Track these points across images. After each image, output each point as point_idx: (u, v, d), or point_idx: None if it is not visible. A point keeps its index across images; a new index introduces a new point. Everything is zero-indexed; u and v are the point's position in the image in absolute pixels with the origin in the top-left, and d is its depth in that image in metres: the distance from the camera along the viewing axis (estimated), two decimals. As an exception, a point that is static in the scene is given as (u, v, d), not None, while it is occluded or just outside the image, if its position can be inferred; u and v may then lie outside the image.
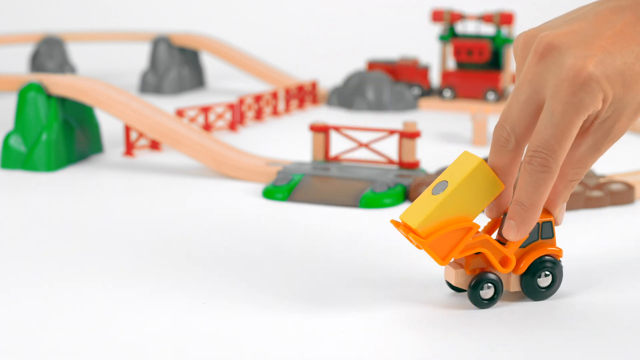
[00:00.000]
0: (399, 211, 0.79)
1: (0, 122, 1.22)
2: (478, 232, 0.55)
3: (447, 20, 1.43)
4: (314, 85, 1.44)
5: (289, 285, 0.60)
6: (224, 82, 1.71)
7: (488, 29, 1.89)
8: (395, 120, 1.29)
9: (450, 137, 1.17)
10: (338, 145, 1.00)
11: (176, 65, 1.58)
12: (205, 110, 1.15)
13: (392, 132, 0.89)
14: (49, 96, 0.94)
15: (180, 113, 1.12)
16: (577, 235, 0.72)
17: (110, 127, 1.11)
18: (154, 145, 1.05)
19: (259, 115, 1.27)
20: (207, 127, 1.16)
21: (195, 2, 2.44)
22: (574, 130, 0.52)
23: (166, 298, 0.57)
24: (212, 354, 0.49)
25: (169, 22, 2.25)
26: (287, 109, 1.35)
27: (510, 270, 0.55)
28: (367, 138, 0.96)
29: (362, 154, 0.98)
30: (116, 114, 0.94)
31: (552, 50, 0.52)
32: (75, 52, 1.89)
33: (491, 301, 0.55)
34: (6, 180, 0.89)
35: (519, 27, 2.03)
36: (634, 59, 0.51)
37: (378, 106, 1.38)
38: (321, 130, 0.90)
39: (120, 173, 0.93)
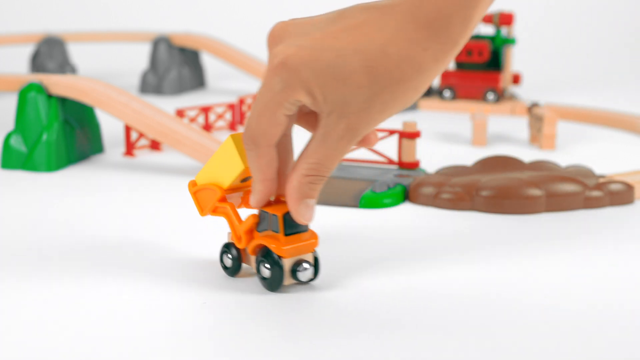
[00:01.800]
0: (399, 211, 0.79)
1: (0, 122, 1.22)
2: (226, 199, 0.60)
3: (447, 20, 1.43)
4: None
5: (289, 285, 0.60)
6: (224, 82, 1.71)
7: (488, 29, 1.89)
8: (395, 120, 1.29)
9: (450, 137, 1.17)
10: (338, 145, 1.00)
11: (176, 65, 1.58)
12: (206, 110, 1.15)
13: (392, 132, 0.89)
14: (50, 96, 0.94)
15: (180, 113, 1.12)
16: (577, 236, 0.72)
17: (110, 127, 1.11)
18: (154, 145, 1.05)
19: (259, 116, 1.27)
20: (207, 127, 1.16)
21: (195, 2, 2.44)
22: (272, 114, 0.53)
23: (166, 298, 0.57)
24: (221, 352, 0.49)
25: (169, 22, 2.26)
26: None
27: (240, 245, 0.60)
28: (367, 138, 0.96)
29: (362, 154, 0.99)
30: (116, 114, 0.94)
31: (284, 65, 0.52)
32: (76, 52, 1.89)
33: (228, 270, 0.61)
34: (6, 180, 0.89)
35: (519, 27, 2.04)
36: (352, 54, 0.51)
37: (378, 106, 1.38)
38: (321, 131, 0.90)
39: (120, 173, 0.94)
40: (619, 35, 2.22)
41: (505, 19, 1.39)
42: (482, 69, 1.43)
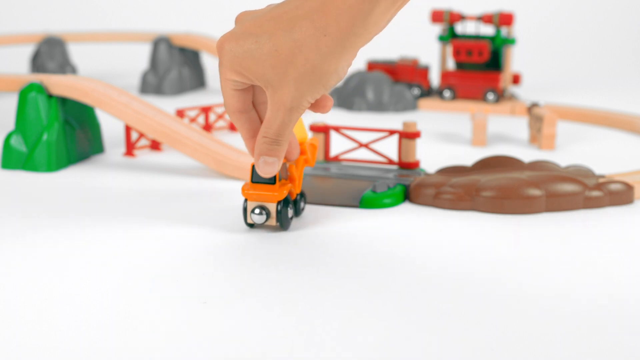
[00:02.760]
0: (399, 211, 0.80)
1: (1, 122, 1.22)
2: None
3: (447, 20, 1.43)
4: (314, 86, 1.44)
5: (288, 285, 0.60)
6: (224, 82, 1.71)
7: (487, 30, 1.89)
8: (395, 120, 1.29)
9: (450, 137, 1.17)
10: (338, 145, 1.00)
11: (176, 65, 1.58)
12: (206, 110, 1.15)
13: (392, 132, 0.89)
14: (50, 96, 0.94)
15: (180, 113, 1.12)
16: (576, 235, 0.72)
17: (110, 127, 1.11)
18: (155, 146, 1.05)
19: (259, 116, 1.27)
20: (208, 127, 1.16)
21: (195, 2, 2.44)
22: (224, 89, 0.65)
23: (166, 297, 0.57)
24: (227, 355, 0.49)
25: (169, 23, 2.26)
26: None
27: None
28: (367, 138, 0.96)
29: (362, 154, 0.99)
30: (117, 114, 0.94)
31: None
32: (76, 53, 1.89)
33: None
34: (7, 180, 0.89)
35: (519, 28, 2.04)
36: (266, 40, 0.60)
37: (378, 106, 1.39)
38: (321, 131, 0.90)
39: (120, 173, 0.94)
40: (619, 36, 2.22)
41: (505, 19, 1.39)
42: (482, 69, 1.43)
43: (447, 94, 1.42)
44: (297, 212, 0.76)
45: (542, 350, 0.50)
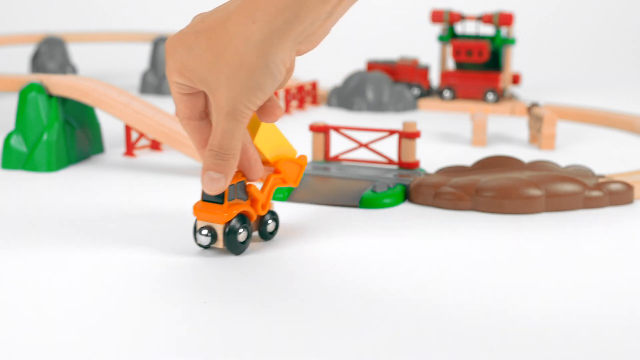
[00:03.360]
0: (399, 211, 0.80)
1: (1, 122, 1.22)
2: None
3: (447, 20, 1.43)
4: (314, 86, 1.44)
5: (288, 286, 0.60)
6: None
7: (487, 30, 1.90)
8: (395, 120, 1.29)
9: (450, 137, 1.17)
10: (338, 145, 1.00)
11: (176, 65, 1.58)
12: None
13: (392, 132, 0.89)
14: (50, 96, 0.94)
15: (180, 113, 1.12)
16: (576, 235, 0.72)
17: (110, 127, 1.11)
18: (155, 146, 1.05)
19: (259, 116, 1.27)
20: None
21: (196, 2, 2.44)
22: (172, 93, 0.60)
23: (165, 297, 0.57)
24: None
25: (169, 23, 2.26)
26: (287, 109, 1.35)
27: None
28: (367, 138, 0.96)
29: (362, 154, 0.99)
30: (117, 114, 0.94)
31: None
32: (76, 53, 1.89)
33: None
34: (7, 180, 0.89)
35: (519, 28, 2.04)
36: (203, 34, 0.57)
37: (378, 106, 1.39)
38: (321, 131, 0.90)
39: (120, 173, 0.94)
40: (619, 36, 2.22)
41: (505, 19, 1.39)
42: (482, 69, 1.43)
43: (447, 94, 1.42)
44: (265, 236, 0.69)
45: (542, 350, 0.50)
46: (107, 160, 1.00)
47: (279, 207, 0.80)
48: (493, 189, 0.78)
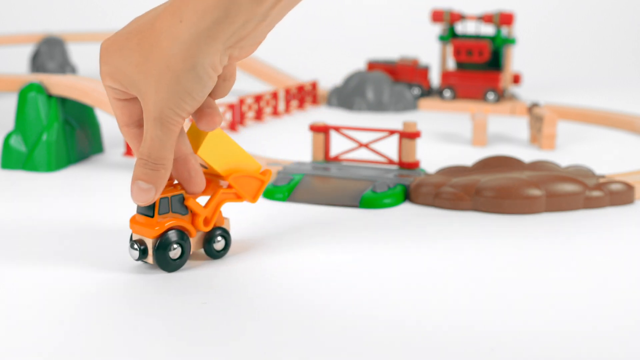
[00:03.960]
0: (399, 211, 0.79)
1: (0, 122, 1.22)
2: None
3: (447, 20, 1.43)
4: (314, 86, 1.44)
5: (288, 286, 0.60)
6: (224, 82, 1.71)
7: (488, 29, 1.89)
8: (395, 120, 1.29)
9: (450, 137, 1.17)
10: (338, 145, 1.00)
11: (176, 65, 1.58)
12: (206, 110, 1.15)
13: (392, 132, 0.89)
14: (50, 96, 0.94)
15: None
16: (576, 236, 0.72)
17: (110, 127, 1.11)
18: (155, 146, 1.05)
19: (259, 116, 1.27)
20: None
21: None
22: (110, 101, 0.58)
23: (165, 298, 0.57)
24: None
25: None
26: (287, 109, 1.35)
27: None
28: (367, 138, 0.96)
29: (362, 154, 0.99)
30: (116, 114, 0.94)
31: None
32: (76, 53, 1.89)
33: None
34: (6, 181, 0.89)
35: (519, 27, 2.04)
36: (134, 34, 0.54)
37: (378, 106, 1.39)
38: (321, 131, 0.90)
39: (120, 173, 0.93)
40: (619, 35, 2.22)
41: (505, 19, 1.39)
42: (482, 69, 1.43)
43: (447, 93, 1.42)
44: (211, 254, 0.64)
45: (542, 350, 0.50)
46: (107, 161, 1.00)
47: (279, 207, 0.80)
48: (493, 189, 0.78)
